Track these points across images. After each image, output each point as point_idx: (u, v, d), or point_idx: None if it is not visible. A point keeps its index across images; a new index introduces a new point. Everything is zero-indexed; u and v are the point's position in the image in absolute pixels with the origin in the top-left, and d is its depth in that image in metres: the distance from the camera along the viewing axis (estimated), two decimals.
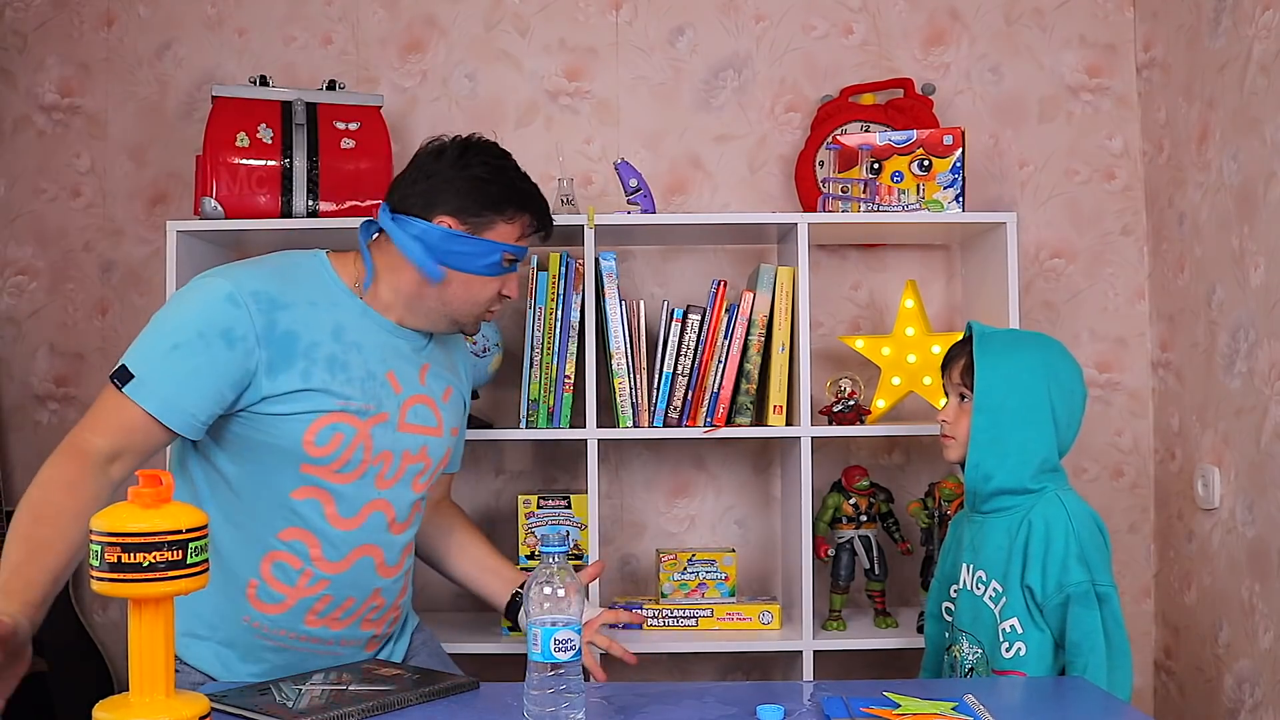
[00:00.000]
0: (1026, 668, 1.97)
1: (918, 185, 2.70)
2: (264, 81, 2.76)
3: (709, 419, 2.68)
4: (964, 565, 2.13)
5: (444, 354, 2.08)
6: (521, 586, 2.14)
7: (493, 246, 1.93)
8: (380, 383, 1.89)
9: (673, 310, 2.70)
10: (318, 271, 1.92)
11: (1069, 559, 1.96)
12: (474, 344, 2.66)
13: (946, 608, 2.20)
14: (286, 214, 2.67)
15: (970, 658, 2.07)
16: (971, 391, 2.09)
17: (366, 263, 1.93)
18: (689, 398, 2.68)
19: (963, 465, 2.13)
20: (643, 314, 2.71)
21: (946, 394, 2.19)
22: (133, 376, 1.75)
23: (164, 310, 1.82)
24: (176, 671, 1.86)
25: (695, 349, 2.68)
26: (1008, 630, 2.00)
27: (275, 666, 1.90)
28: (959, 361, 2.15)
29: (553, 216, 2.08)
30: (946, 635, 2.19)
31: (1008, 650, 1.99)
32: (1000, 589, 2.03)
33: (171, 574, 1.25)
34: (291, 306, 1.83)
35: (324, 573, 1.87)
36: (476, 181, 1.94)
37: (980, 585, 2.07)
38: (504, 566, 2.21)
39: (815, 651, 2.65)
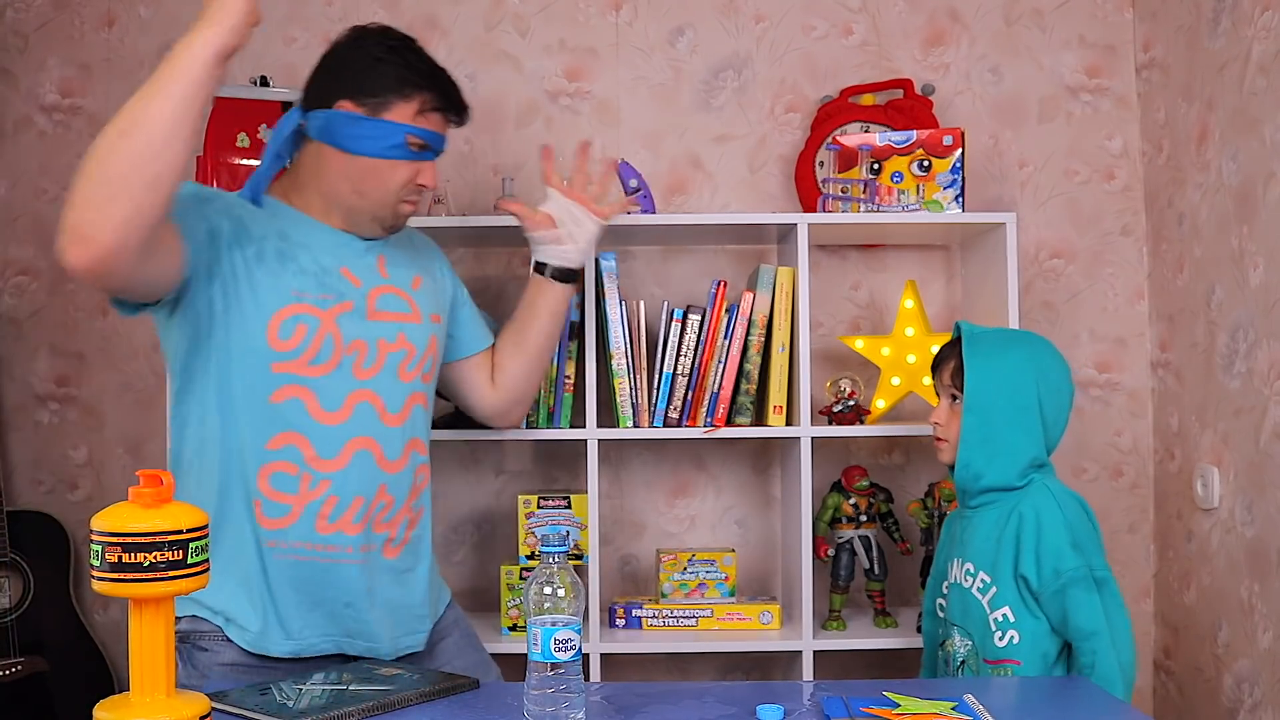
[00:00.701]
0: (1020, 655, 1.99)
1: (917, 185, 2.70)
2: (264, 82, 2.76)
3: (709, 419, 2.68)
4: (954, 560, 2.15)
5: (401, 249, 2.06)
6: (535, 262, 2.23)
7: (393, 128, 1.89)
8: (336, 276, 1.90)
9: (673, 310, 2.70)
10: (240, 192, 1.94)
11: (1062, 546, 1.97)
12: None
13: (940, 604, 2.21)
14: None
15: (961, 650, 2.08)
16: (962, 393, 2.10)
17: (269, 155, 1.91)
18: (689, 398, 2.69)
19: (953, 467, 2.14)
20: (643, 314, 2.72)
21: (938, 396, 2.20)
22: None
23: None
24: (185, 641, 1.86)
25: (695, 349, 2.69)
26: (1000, 619, 2.01)
27: (302, 594, 1.86)
28: (949, 363, 2.16)
29: (455, 95, 1.99)
30: (940, 631, 2.20)
31: (1000, 639, 2.00)
32: (989, 579, 2.04)
33: (172, 574, 1.26)
34: (237, 206, 1.87)
35: (322, 472, 1.85)
36: (371, 61, 1.91)
37: (969, 577, 2.09)
38: (527, 290, 2.26)
39: (815, 651, 2.65)
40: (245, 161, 2.66)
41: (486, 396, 2.25)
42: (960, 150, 2.69)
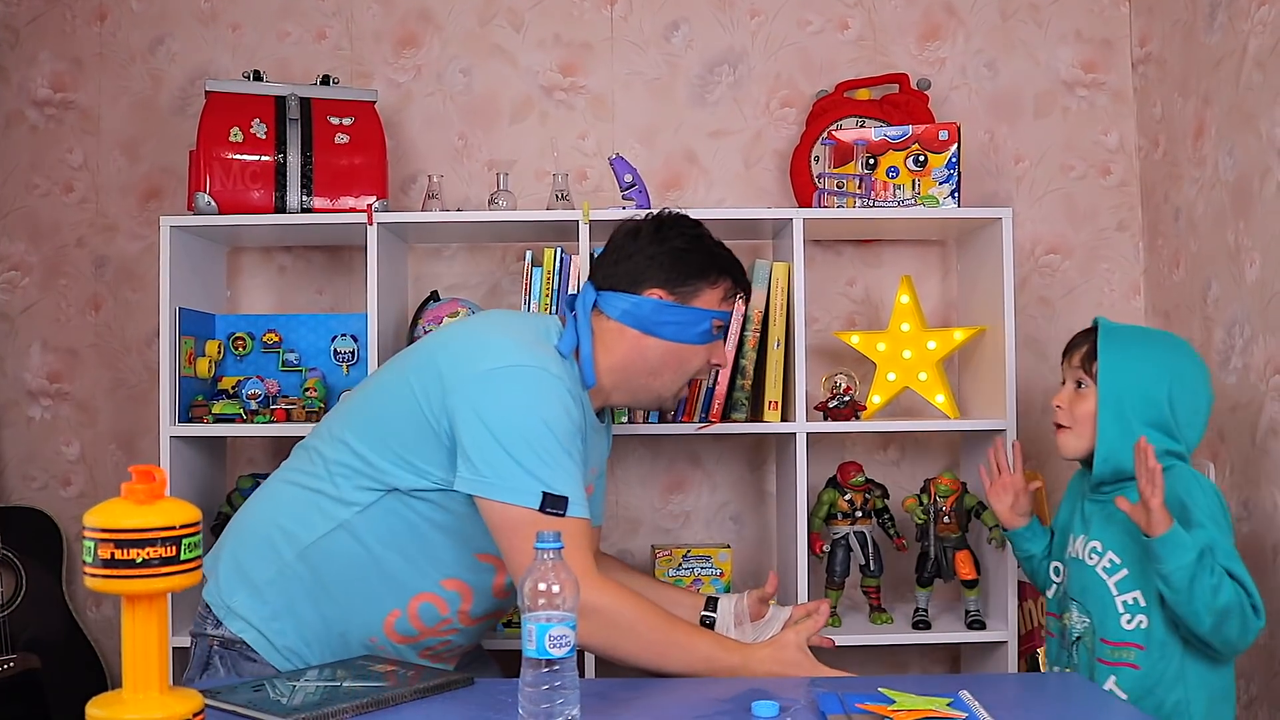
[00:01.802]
0: (1145, 640, 1.98)
1: (913, 181, 2.69)
2: (258, 76, 2.75)
3: (704, 415, 2.68)
4: (1077, 536, 2.15)
5: (595, 438, 2.05)
6: (706, 607, 2.17)
7: (703, 314, 1.96)
8: (588, 478, 1.93)
9: None
10: (570, 369, 1.91)
11: (1209, 531, 1.95)
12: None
13: (1055, 567, 2.23)
14: (280, 209, 2.67)
15: (1078, 626, 2.09)
16: (1089, 377, 2.11)
17: (585, 337, 1.94)
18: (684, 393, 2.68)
19: (1082, 461, 2.15)
20: None
21: (1064, 381, 2.19)
22: (564, 498, 1.77)
23: (525, 413, 1.79)
24: (230, 648, 1.89)
25: None
26: (1129, 602, 2.01)
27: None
28: (1081, 348, 2.16)
29: (745, 277, 2.09)
30: (1058, 604, 2.21)
31: (1128, 622, 2.00)
32: (1118, 560, 2.04)
33: (165, 570, 1.25)
34: (578, 400, 1.88)
35: (462, 625, 1.93)
36: (678, 252, 1.97)
37: (1094, 555, 2.08)
38: (678, 599, 2.17)
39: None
40: (238, 156, 2.65)
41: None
42: (956, 145, 2.68)
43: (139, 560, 1.24)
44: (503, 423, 1.77)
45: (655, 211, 2.05)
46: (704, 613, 2.15)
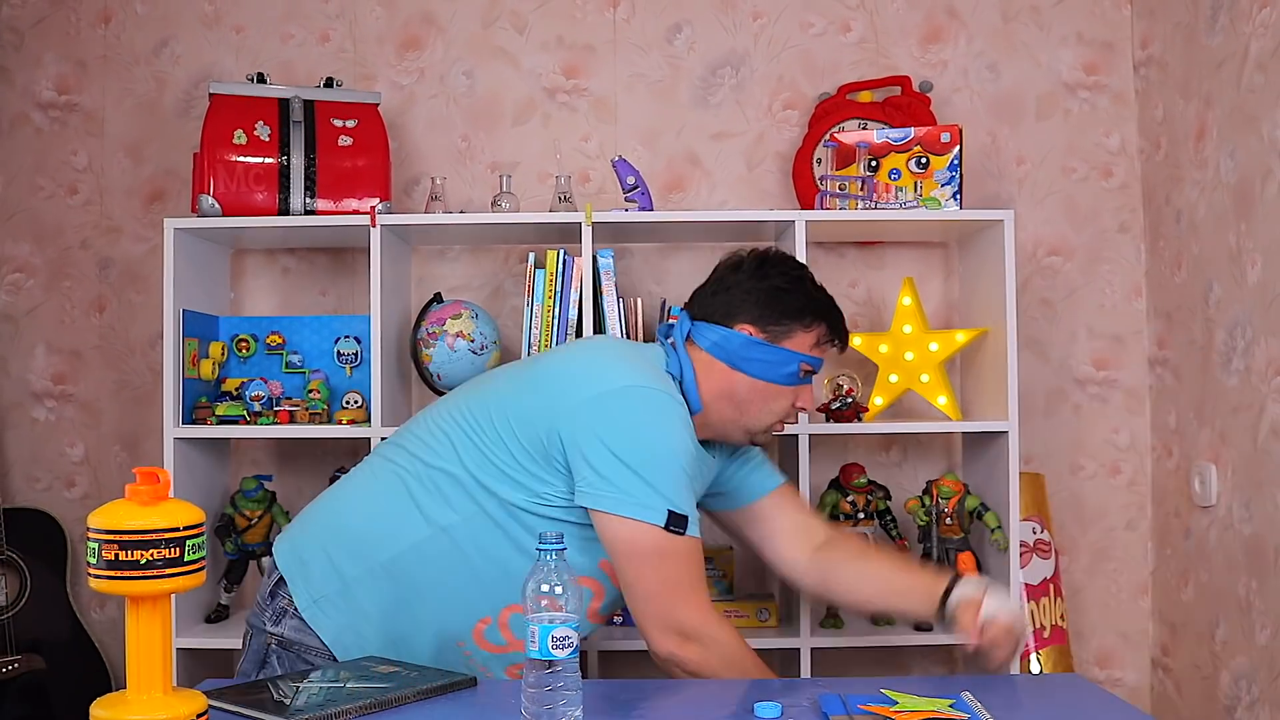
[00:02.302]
0: None
1: (915, 183, 2.70)
2: (261, 79, 2.76)
3: None
4: None
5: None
6: (946, 591, 1.95)
7: (791, 356, 1.92)
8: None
9: (670, 308, 2.69)
10: (681, 402, 1.90)
11: None
12: (472, 341, 2.65)
13: None
14: (284, 211, 2.67)
15: None
16: None
17: (686, 366, 1.93)
18: None
19: None
20: (640, 311, 2.71)
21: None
22: (685, 517, 1.77)
23: (652, 434, 1.79)
24: (289, 649, 1.87)
25: None
26: None
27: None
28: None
29: (844, 325, 1.99)
30: None
31: None
32: None
33: (169, 571, 1.25)
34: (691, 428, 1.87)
35: (521, 655, 1.85)
36: (776, 291, 1.94)
37: None
38: (914, 580, 2.04)
39: (813, 649, 2.65)
40: (242, 158, 2.66)
41: (784, 549, 2.13)
42: (958, 147, 2.68)
43: (143, 561, 1.24)
44: (629, 441, 1.76)
45: (762, 247, 2.03)
46: (941, 600, 1.97)
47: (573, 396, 1.79)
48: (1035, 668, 2.81)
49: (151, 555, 1.24)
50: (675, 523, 1.75)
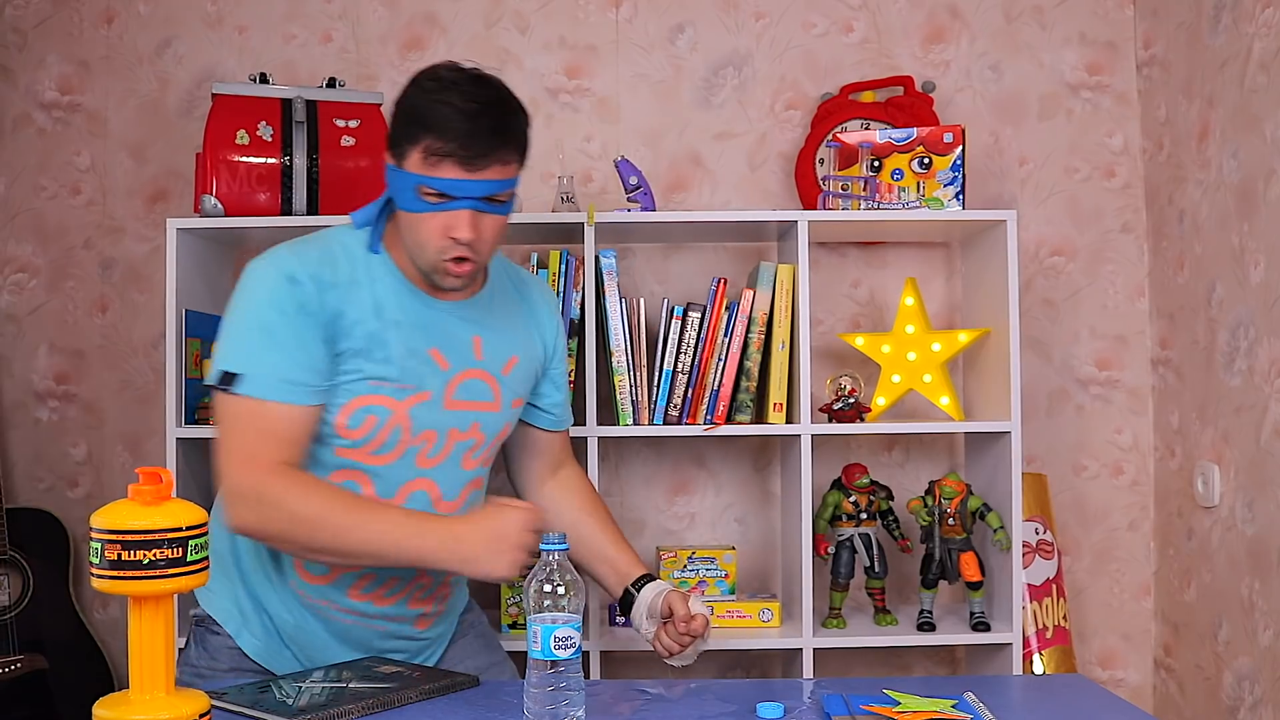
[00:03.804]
0: None
1: (918, 183, 2.70)
2: (264, 79, 2.76)
3: (709, 416, 2.68)
4: None
5: (505, 321, 1.96)
6: (634, 584, 2.00)
7: (406, 177, 1.75)
8: (422, 359, 1.83)
9: (673, 308, 2.70)
10: (359, 247, 1.85)
11: None
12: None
13: None
14: (286, 212, 2.68)
15: None
16: None
17: (371, 212, 1.85)
18: (689, 395, 2.68)
19: None
20: (643, 311, 2.71)
21: None
22: (237, 375, 1.72)
23: (232, 307, 1.79)
24: (200, 624, 1.92)
25: (695, 346, 2.68)
26: None
27: (318, 635, 1.89)
28: None
29: (456, 128, 1.73)
30: None
31: None
32: None
33: (171, 571, 1.25)
34: (337, 286, 1.78)
35: None
36: (397, 109, 1.80)
37: None
38: (620, 557, 2.05)
39: (815, 649, 2.65)
40: (245, 159, 2.66)
41: (531, 476, 2.14)
42: (961, 147, 2.68)
43: (146, 561, 1.24)
44: (225, 312, 1.81)
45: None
46: (629, 587, 2.00)
47: None
48: (1038, 668, 2.81)
49: (154, 555, 1.24)
50: (225, 382, 1.72)
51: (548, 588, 1.45)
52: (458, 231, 1.75)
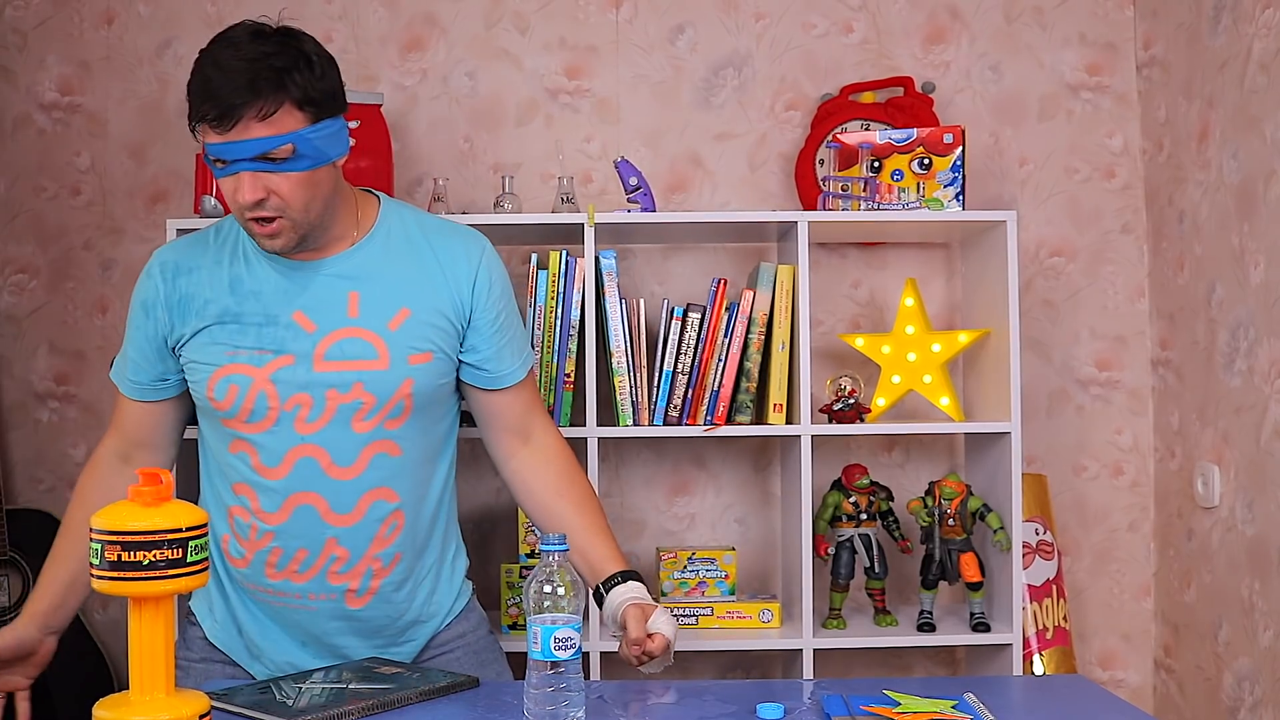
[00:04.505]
0: None
1: (918, 184, 2.70)
2: None
3: (709, 417, 2.68)
4: None
5: (394, 273, 1.86)
6: (603, 584, 1.84)
7: (205, 147, 1.73)
8: (284, 325, 1.81)
9: (673, 308, 2.70)
10: (234, 228, 1.88)
11: None
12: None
13: None
14: None
15: None
16: None
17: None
18: (689, 396, 2.69)
19: None
20: (643, 312, 2.71)
21: None
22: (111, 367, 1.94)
23: None
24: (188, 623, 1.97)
25: (695, 347, 2.68)
26: None
27: (266, 622, 1.92)
28: None
29: (206, 91, 1.69)
30: None
31: None
32: None
33: (171, 572, 1.25)
34: (195, 270, 1.87)
35: (266, 524, 1.83)
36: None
37: None
38: (593, 548, 1.90)
39: (815, 650, 2.65)
40: None
41: (499, 448, 2.02)
42: (961, 148, 2.68)
43: (145, 562, 1.24)
44: None
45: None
46: (599, 587, 1.86)
47: None
48: (1038, 669, 2.81)
49: (154, 556, 1.25)
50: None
51: (547, 588, 1.45)
52: (239, 195, 1.72)
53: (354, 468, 1.83)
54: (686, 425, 2.69)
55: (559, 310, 2.67)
